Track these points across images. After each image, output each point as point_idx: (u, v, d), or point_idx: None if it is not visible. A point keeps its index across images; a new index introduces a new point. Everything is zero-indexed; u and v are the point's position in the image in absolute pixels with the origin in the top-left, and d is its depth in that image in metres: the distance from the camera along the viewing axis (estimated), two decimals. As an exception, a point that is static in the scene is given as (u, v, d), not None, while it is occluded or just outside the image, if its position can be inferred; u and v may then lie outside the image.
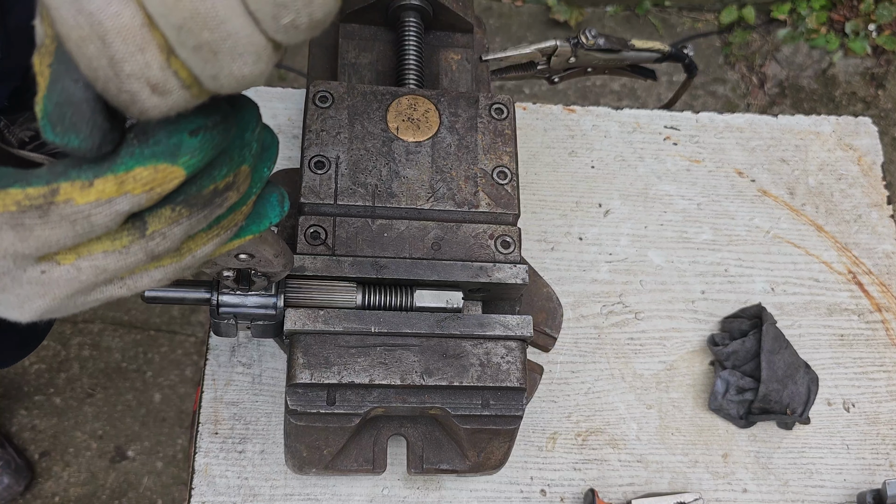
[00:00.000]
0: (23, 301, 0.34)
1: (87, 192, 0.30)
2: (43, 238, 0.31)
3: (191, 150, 0.31)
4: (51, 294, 0.33)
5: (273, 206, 0.40)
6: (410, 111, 0.68)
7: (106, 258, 0.33)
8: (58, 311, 0.35)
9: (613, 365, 0.85)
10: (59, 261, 0.33)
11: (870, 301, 0.91)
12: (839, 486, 0.82)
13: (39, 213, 0.30)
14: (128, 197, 0.31)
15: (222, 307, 0.59)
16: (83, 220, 0.31)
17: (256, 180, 0.38)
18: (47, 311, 0.35)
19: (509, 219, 0.66)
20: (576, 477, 0.79)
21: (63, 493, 1.65)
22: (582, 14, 2.32)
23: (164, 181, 0.31)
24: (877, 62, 2.37)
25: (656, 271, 0.90)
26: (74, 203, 0.30)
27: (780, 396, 0.81)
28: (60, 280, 0.33)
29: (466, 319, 0.62)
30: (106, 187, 0.30)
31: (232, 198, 0.36)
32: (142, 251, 0.34)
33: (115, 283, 0.36)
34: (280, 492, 0.74)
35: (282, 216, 0.41)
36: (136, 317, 1.81)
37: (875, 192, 0.98)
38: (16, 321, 0.35)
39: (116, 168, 0.30)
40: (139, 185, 0.31)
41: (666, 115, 0.99)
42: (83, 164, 0.30)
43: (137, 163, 0.31)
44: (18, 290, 0.33)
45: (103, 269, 0.34)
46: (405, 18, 0.74)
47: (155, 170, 0.31)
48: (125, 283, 0.36)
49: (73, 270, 0.33)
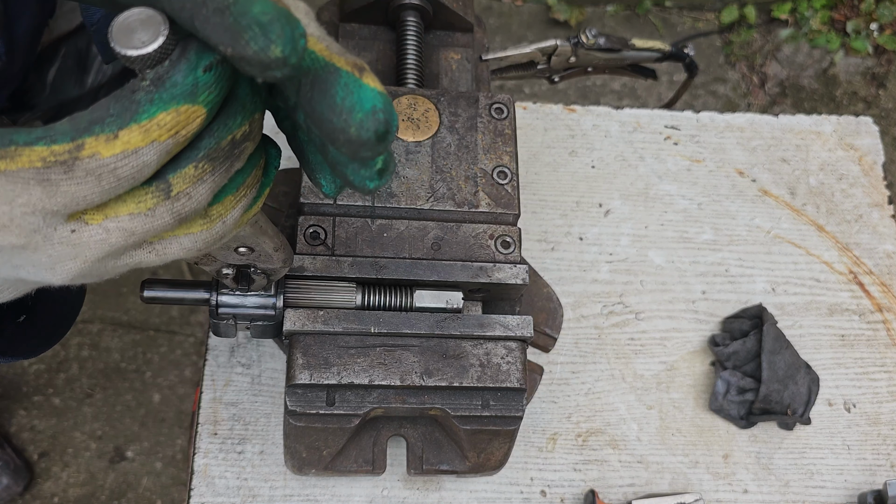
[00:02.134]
0: (55, 262, 0.34)
1: (112, 144, 0.30)
2: (70, 194, 0.31)
3: (207, 86, 0.31)
4: (82, 255, 0.34)
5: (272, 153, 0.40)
6: (410, 111, 0.68)
7: (132, 220, 0.33)
8: (90, 275, 0.35)
9: (614, 365, 0.84)
10: (88, 221, 0.33)
11: (871, 301, 0.91)
12: (840, 487, 0.82)
13: (65, 169, 0.30)
14: (154, 145, 0.31)
15: (221, 307, 0.59)
16: (109, 175, 0.31)
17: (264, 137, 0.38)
18: (79, 274, 0.35)
19: (509, 219, 0.66)
20: (576, 478, 0.79)
21: (62, 493, 1.65)
22: (582, 13, 2.32)
23: (187, 122, 0.31)
24: (878, 62, 2.37)
25: (657, 271, 0.89)
26: (100, 157, 0.30)
27: (780, 397, 0.80)
28: (91, 241, 0.33)
29: (466, 320, 0.62)
30: (131, 138, 0.31)
31: (249, 148, 0.36)
32: (168, 213, 0.34)
33: (145, 248, 0.36)
34: (279, 492, 0.74)
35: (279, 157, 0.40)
36: (135, 317, 1.81)
37: (876, 192, 0.98)
38: (48, 284, 0.35)
39: (139, 117, 0.31)
40: (164, 132, 0.31)
41: (666, 115, 0.99)
42: (106, 117, 0.31)
43: (159, 108, 0.31)
44: (50, 250, 0.33)
45: (131, 232, 0.34)
46: (405, 18, 0.74)
47: (177, 112, 0.31)
48: (154, 248, 0.36)
49: (102, 231, 0.33)
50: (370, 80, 0.33)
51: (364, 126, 0.32)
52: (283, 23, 0.29)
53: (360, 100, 0.32)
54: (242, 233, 0.44)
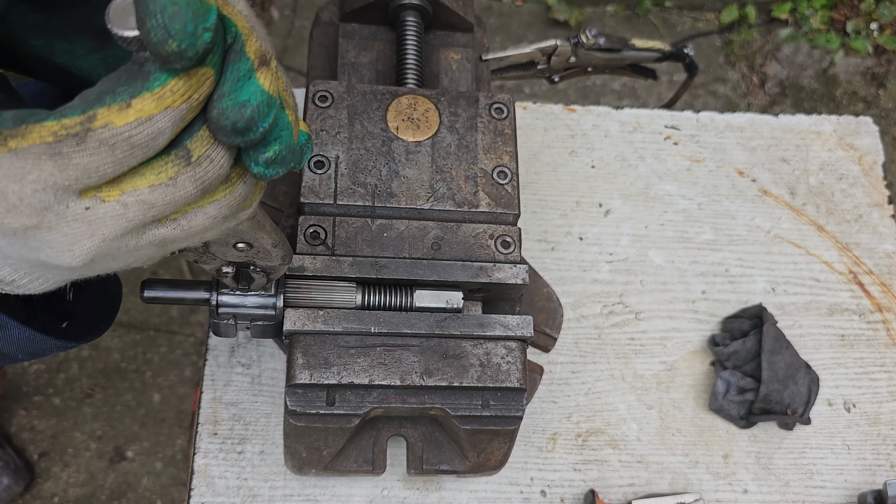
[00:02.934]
0: (72, 242, 0.33)
1: (125, 113, 0.30)
2: (82, 166, 0.31)
3: (210, 45, 0.31)
4: (99, 233, 0.33)
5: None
6: (410, 111, 0.68)
7: (153, 192, 0.33)
8: (111, 256, 0.35)
9: (614, 365, 0.84)
10: (104, 198, 0.32)
11: (871, 301, 0.91)
12: (840, 487, 0.82)
13: (77, 141, 0.30)
14: (168, 112, 0.31)
15: (222, 307, 0.59)
16: (123, 143, 0.31)
17: None
18: (98, 254, 0.34)
19: (509, 219, 0.66)
20: (576, 477, 0.79)
21: (62, 493, 1.65)
22: (582, 13, 2.32)
23: (199, 85, 0.32)
24: (878, 61, 2.37)
25: (657, 271, 0.89)
26: (113, 126, 0.30)
27: (780, 397, 0.80)
28: (107, 216, 0.33)
29: (466, 319, 0.62)
30: (145, 105, 0.31)
31: None
32: (190, 181, 0.33)
33: (167, 224, 0.35)
34: (279, 492, 0.74)
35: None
36: (135, 317, 1.81)
37: (876, 192, 0.98)
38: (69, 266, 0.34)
39: (151, 85, 0.31)
40: (178, 97, 0.31)
41: (666, 115, 0.99)
42: (117, 88, 0.31)
43: (170, 75, 0.31)
44: (66, 229, 0.32)
45: (151, 204, 0.33)
46: (405, 18, 0.74)
47: (187, 76, 0.31)
48: (178, 223, 0.35)
49: (119, 207, 0.33)
50: (264, 76, 0.33)
51: (225, 114, 0.33)
52: (187, 17, 0.29)
53: (239, 90, 0.33)
54: (241, 227, 0.44)
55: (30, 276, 0.37)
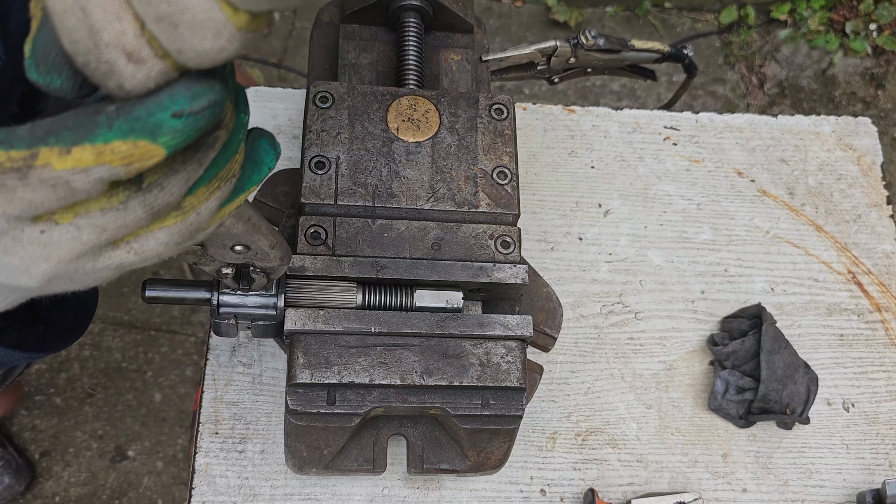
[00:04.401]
0: (28, 264, 0.33)
1: (64, 158, 0.30)
2: (26, 200, 0.31)
3: (172, 131, 0.31)
4: (55, 255, 0.33)
5: (266, 149, 0.40)
6: (410, 111, 0.68)
7: (104, 216, 0.33)
8: (67, 277, 0.35)
9: (613, 365, 0.85)
10: (57, 220, 0.32)
11: (869, 301, 0.91)
12: (839, 486, 0.82)
13: (20, 176, 0.30)
14: (105, 167, 0.31)
15: (223, 307, 0.59)
16: (63, 185, 0.31)
17: (238, 126, 0.37)
18: (55, 275, 0.34)
19: (509, 219, 0.66)
20: (575, 477, 0.79)
21: (63, 492, 1.65)
22: (582, 14, 2.32)
23: (142, 157, 0.31)
24: (876, 62, 2.37)
25: (656, 271, 0.90)
26: (53, 168, 0.30)
27: (779, 396, 0.81)
28: (61, 240, 0.33)
29: (466, 319, 0.62)
30: (83, 156, 0.30)
31: (222, 136, 0.35)
32: (140, 206, 0.33)
33: (122, 247, 0.35)
34: (280, 492, 0.74)
35: (276, 158, 0.40)
36: (136, 317, 1.81)
37: (875, 192, 0.98)
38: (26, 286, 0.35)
39: (94, 138, 0.30)
40: (117, 158, 0.31)
41: (666, 116, 1.00)
42: (62, 130, 0.30)
43: (116, 136, 0.30)
44: (22, 252, 0.33)
45: (103, 228, 0.33)
46: (405, 19, 0.74)
47: (134, 145, 0.31)
48: (132, 247, 0.35)
49: (73, 230, 0.33)
50: None
51: None
52: None
53: None
54: (235, 230, 0.44)
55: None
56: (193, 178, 0.35)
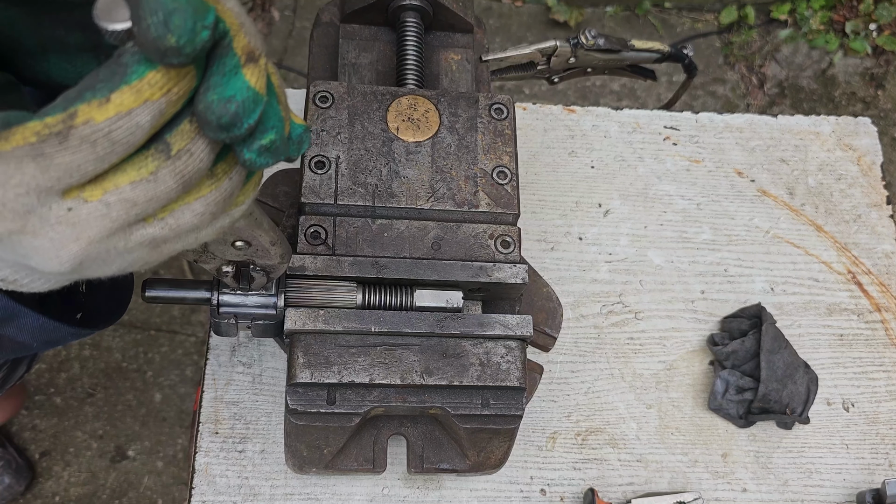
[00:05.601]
0: (58, 247, 0.33)
1: (105, 108, 0.30)
2: (64, 165, 0.30)
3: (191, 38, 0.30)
4: (84, 235, 0.32)
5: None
6: (410, 111, 0.68)
7: (134, 189, 0.32)
8: (100, 260, 0.34)
9: (613, 365, 0.85)
10: (86, 198, 0.32)
11: (869, 301, 0.91)
12: (838, 486, 0.82)
13: (59, 139, 0.30)
14: (147, 105, 0.31)
15: (223, 307, 0.59)
16: (103, 139, 0.30)
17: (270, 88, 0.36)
18: (86, 257, 0.33)
19: (509, 219, 0.66)
20: (575, 476, 0.79)
21: (63, 492, 1.65)
22: (582, 14, 2.33)
23: (178, 79, 0.31)
24: (876, 62, 2.37)
25: (656, 271, 0.90)
26: (94, 122, 0.30)
27: (779, 396, 0.81)
28: (90, 217, 0.32)
29: (466, 319, 0.62)
30: (124, 99, 0.30)
31: None
32: (170, 175, 0.33)
33: (155, 223, 0.35)
34: (280, 491, 0.74)
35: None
36: (136, 317, 1.82)
37: (874, 192, 0.98)
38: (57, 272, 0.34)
39: (129, 78, 0.30)
40: (157, 90, 0.31)
41: (666, 116, 1.00)
42: (96, 84, 0.30)
43: (147, 68, 0.30)
44: (50, 233, 0.32)
45: (133, 202, 0.33)
46: (405, 18, 0.75)
47: (167, 70, 0.31)
48: (166, 222, 0.35)
49: (102, 206, 0.32)
50: (251, 72, 0.33)
51: (211, 108, 0.32)
52: (188, 14, 0.29)
53: (225, 86, 0.32)
54: (237, 224, 0.45)
55: (30, 276, 0.37)
56: (220, 144, 0.34)
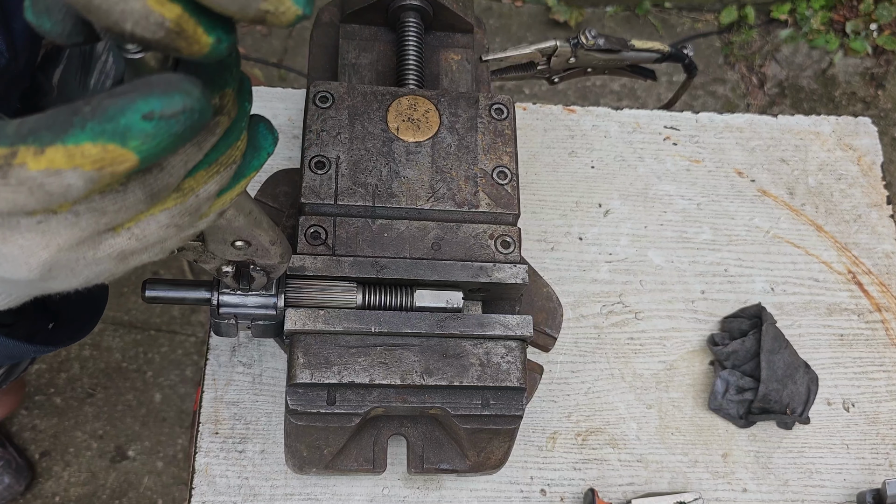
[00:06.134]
0: (27, 254, 0.32)
1: (38, 159, 0.29)
2: (10, 200, 0.30)
3: (142, 135, 0.30)
4: (54, 242, 0.32)
5: (264, 135, 0.39)
6: (410, 111, 0.68)
7: (103, 199, 0.32)
8: (69, 269, 0.34)
9: (613, 365, 0.85)
10: (55, 210, 0.32)
11: (869, 301, 0.91)
12: (839, 486, 0.82)
13: (2, 174, 0.29)
14: (78, 171, 0.30)
15: (223, 307, 0.59)
16: (38, 188, 0.30)
17: (241, 114, 0.37)
18: (55, 264, 0.33)
19: (509, 219, 0.66)
20: (576, 476, 0.79)
21: (63, 492, 1.65)
22: (582, 14, 2.33)
23: (113, 162, 0.30)
24: (877, 62, 2.37)
25: (656, 271, 0.90)
26: (27, 168, 0.29)
27: (779, 396, 0.81)
28: (59, 226, 0.32)
29: (466, 319, 0.62)
30: (56, 157, 0.29)
31: (223, 123, 0.35)
32: (140, 187, 0.33)
33: (122, 234, 0.35)
34: (280, 491, 0.74)
35: (275, 143, 0.40)
36: (136, 317, 1.82)
37: (875, 192, 0.98)
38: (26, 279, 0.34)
39: (67, 139, 0.29)
40: (87, 162, 0.30)
41: (666, 116, 1.00)
42: (42, 129, 0.30)
43: (87, 138, 0.29)
44: (20, 241, 0.32)
45: (102, 212, 0.33)
46: (405, 19, 0.74)
47: (104, 149, 0.30)
48: (132, 232, 0.35)
49: (71, 216, 0.32)
50: None
51: None
52: None
53: None
54: (237, 224, 0.44)
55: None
56: (193, 161, 0.34)
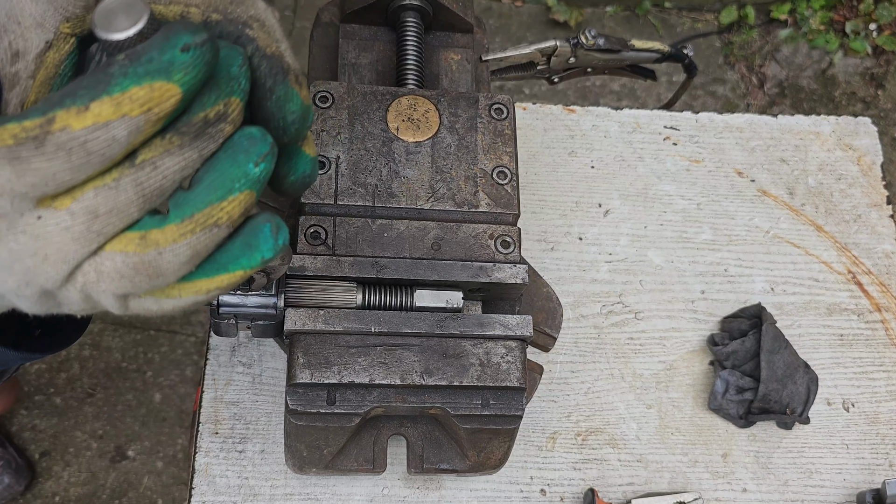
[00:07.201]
0: (13, 259, 0.32)
1: (83, 116, 0.30)
2: (40, 171, 0.30)
3: (184, 66, 0.31)
4: (42, 252, 0.32)
5: (265, 237, 0.36)
6: (410, 111, 0.68)
7: (97, 196, 0.32)
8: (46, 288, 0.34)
9: (613, 365, 0.85)
10: (56, 206, 0.32)
11: (869, 301, 0.91)
12: (839, 486, 0.82)
13: (36, 144, 0.30)
14: (125, 120, 0.30)
15: (222, 307, 0.59)
16: (79, 148, 0.30)
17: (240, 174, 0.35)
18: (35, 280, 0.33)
19: (509, 219, 0.66)
20: (575, 476, 0.79)
21: (63, 492, 1.65)
22: (582, 14, 2.33)
23: (160, 100, 0.31)
24: (876, 62, 2.37)
25: (656, 271, 0.90)
26: (71, 129, 0.30)
27: (779, 396, 0.81)
28: (55, 230, 0.32)
29: (466, 319, 0.62)
30: (102, 109, 0.30)
31: (227, 130, 0.35)
32: (132, 184, 0.33)
33: (89, 261, 0.34)
34: (280, 491, 0.74)
35: (275, 251, 0.37)
36: (136, 316, 1.81)
37: (875, 192, 0.98)
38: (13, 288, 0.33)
39: (111, 89, 0.30)
40: (136, 106, 0.30)
41: (666, 116, 1.00)
42: (78, 90, 0.30)
43: (132, 82, 0.30)
44: (12, 242, 0.32)
45: (94, 213, 0.32)
46: (405, 18, 0.74)
47: (151, 88, 0.30)
48: (95, 260, 0.34)
49: (67, 217, 0.32)
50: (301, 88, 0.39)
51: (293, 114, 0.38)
52: None
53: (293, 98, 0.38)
54: None
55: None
56: (189, 165, 0.34)
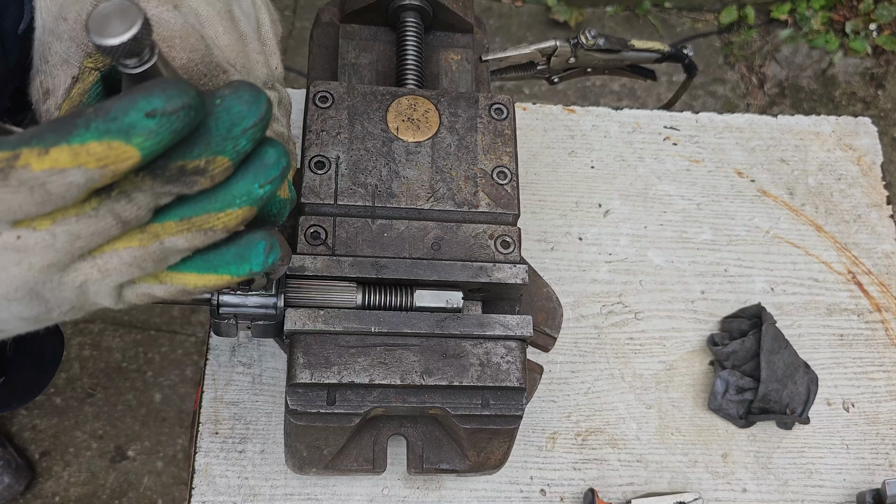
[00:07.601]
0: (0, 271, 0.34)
1: (42, 159, 0.31)
2: (6, 202, 0.32)
3: (145, 131, 0.31)
4: (27, 262, 0.34)
5: (257, 252, 0.39)
6: (410, 111, 0.68)
7: (79, 222, 0.34)
8: (34, 293, 0.36)
9: (613, 365, 0.85)
10: (36, 227, 0.33)
11: (869, 301, 0.91)
12: (839, 486, 0.82)
13: (2, 176, 0.31)
14: (81, 170, 0.32)
15: (223, 307, 0.59)
16: (39, 188, 0.32)
17: (243, 192, 0.36)
18: (23, 284, 0.35)
19: (509, 219, 0.66)
20: (575, 476, 0.79)
21: (63, 492, 1.65)
22: (582, 14, 2.33)
23: (117, 159, 0.32)
24: (876, 62, 2.37)
25: (656, 271, 0.90)
26: (31, 169, 0.31)
27: (779, 396, 0.81)
28: (36, 247, 0.34)
29: (466, 319, 0.62)
30: (60, 156, 0.31)
31: (202, 184, 0.35)
32: (109, 213, 0.34)
33: (87, 260, 0.36)
34: (280, 491, 0.74)
35: (264, 267, 0.39)
36: (136, 317, 1.82)
37: (875, 192, 0.98)
38: None
39: (72, 139, 0.31)
40: (92, 160, 0.31)
41: (666, 116, 1.00)
42: (46, 133, 0.31)
43: (93, 137, 0.31)
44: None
45: (76, 235, 0.34)
46: (405, 18, 0.74)
47: (109, 146, 0.31)
48: (96, 262, 0.36)
49: (49, 236, 0.34)
50: None
51: None
52: None
53: None
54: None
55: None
56: (160, 200, 0.35)
